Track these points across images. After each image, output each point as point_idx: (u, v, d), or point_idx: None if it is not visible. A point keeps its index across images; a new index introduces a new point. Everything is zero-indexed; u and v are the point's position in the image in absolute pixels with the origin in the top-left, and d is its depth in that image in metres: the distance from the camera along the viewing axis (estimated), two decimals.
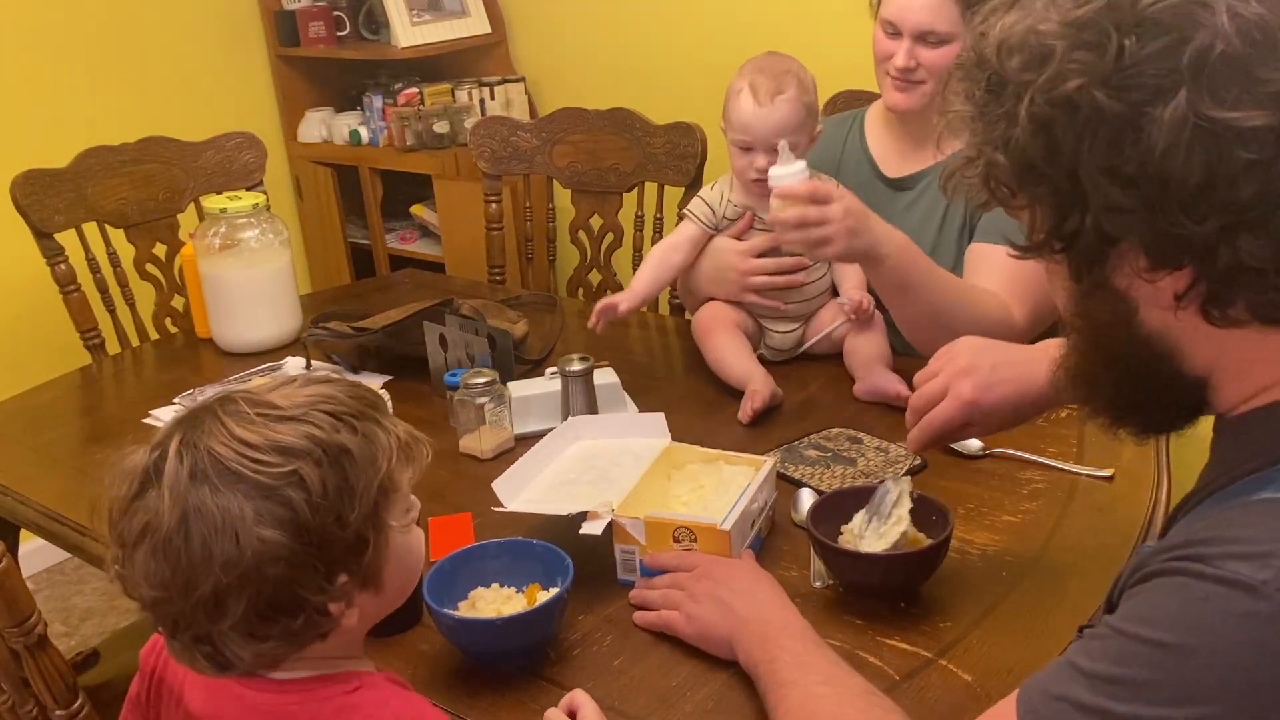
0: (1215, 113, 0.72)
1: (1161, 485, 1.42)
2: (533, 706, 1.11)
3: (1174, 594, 0.74)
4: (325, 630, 0.91)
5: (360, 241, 3.36)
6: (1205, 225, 0.74)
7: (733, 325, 1.77)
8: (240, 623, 0.86)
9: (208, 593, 0.84)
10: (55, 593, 2.78)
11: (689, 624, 1.17)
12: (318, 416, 0.89)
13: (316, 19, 3.18)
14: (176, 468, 0.86)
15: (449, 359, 1.80)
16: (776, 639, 1.08)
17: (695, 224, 1.81)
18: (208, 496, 0.84)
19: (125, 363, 2.18)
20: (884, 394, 1.64)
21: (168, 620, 0.88)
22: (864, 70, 2.07)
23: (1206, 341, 0.81)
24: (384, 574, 0.93)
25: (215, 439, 0.86)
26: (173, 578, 0.85)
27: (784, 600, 1.16)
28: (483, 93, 3.12)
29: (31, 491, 1.62)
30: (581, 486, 1.37)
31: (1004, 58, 0.80)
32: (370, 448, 0.90)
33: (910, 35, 1.67)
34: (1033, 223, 0.83)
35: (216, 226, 2.02)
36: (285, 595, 0.86)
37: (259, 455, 0.85)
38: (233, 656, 0.88)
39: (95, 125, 2.61)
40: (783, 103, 1.67)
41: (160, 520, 0.85)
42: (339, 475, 0.87)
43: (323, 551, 0.87)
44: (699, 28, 2.86)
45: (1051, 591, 1.23)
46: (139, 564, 0.86)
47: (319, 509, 0.86)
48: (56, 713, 1.21)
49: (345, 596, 0.90)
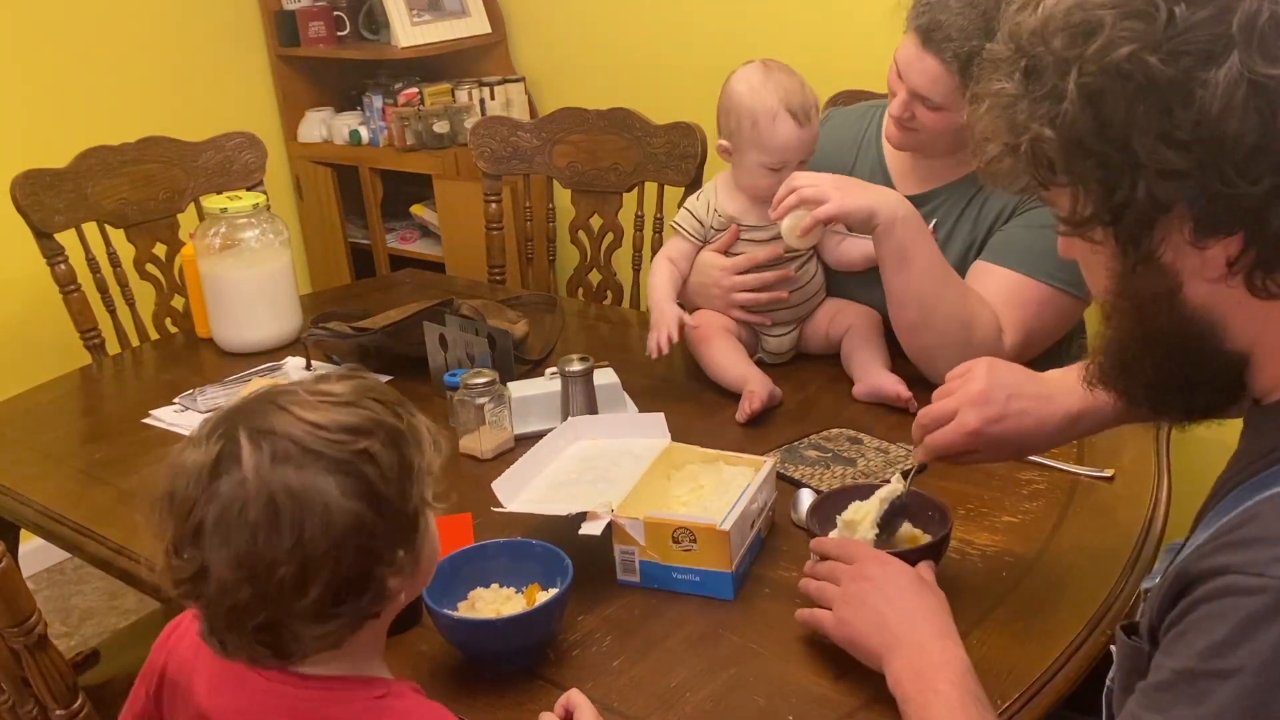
0: (1270, 70, 0.74)
1: (1161, 485, 1.42)
2: (532, 706, 1.11)
3: (1226, 617, 0.74)
4: (380, 609, 0.94)
5: (360, 241, 3.36)
6: (1259, 185, 0.75)
7: (726, 332, 1.77)
8: (316, 600, 0.88)
9: (293, 570, 0.86)
10: (55, 593, 2.78)
11: (838, 628, 1.11)
12: (370, 403, 0.93)
13: (316, 19, 3.18)
14: (255, 453, 0.88)
15: (449, 359, 1.80)
16: (932, 680, 1.01)
17: (685, 239, 1.80)
18: (292, 475, 0.87)
19: (125, 363, 2.18)
20: (883, 394, 1.64)
21: (230, 609, 0.89)
22: (863, 70, 2.07)
23: (1250, 316, 0.82)
24: (423, 554, 0.96)
25: (287, 423, 0.90)
26: (258, 559, 0.87)
27: (946, 625, 1.07)
28: (483, 93, 3.12)
29: (31, 491, 1.63)
30: (581, 487, 1.37)
31: (1048, 38, 0.80)
32: (415, 431, 0.96)
33: (908, 91, 1.64)
34: (1075, 201, 0.83)
35: (217, 226, 2.02)
36: (362, 568, 0.90)
37: (332, 435, 0.89)
38: (293, 641, 0.90)
39: (95, 125, 2.60)
40: (817, 119, 1.71)
41: (245, 504, 0.87)
42: (398, 454, 0.92)
43: (393, 525, 0.91)
44: (699, 28, 2.86)
45: (1051, 591, 1.23)
46: (215, 551, 0.87)
47: (390, 483, 0.90)
48: (56, 713, 1.21)
49: (403, 571, 0.93)
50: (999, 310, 1.61)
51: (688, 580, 1.26)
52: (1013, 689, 1.08)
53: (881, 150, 1.82)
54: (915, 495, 1.26)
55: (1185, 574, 0.79)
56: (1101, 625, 1.17)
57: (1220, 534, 0.79)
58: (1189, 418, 0.91)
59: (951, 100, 1.59)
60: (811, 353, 1.82)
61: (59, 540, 1.56)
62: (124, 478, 1.64)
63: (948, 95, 1.59)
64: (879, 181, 1.77)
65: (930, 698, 1.00)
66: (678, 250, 1.81)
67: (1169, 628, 0.80)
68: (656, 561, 1.27)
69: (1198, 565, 0.78)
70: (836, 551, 1.17)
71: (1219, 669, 0.74)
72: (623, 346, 2.04)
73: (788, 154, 1.69)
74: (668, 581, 1.27)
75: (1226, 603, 0.75)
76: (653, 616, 1.24)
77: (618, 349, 1.99)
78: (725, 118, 1.74)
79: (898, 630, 1.06)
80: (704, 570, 1.25)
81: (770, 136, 1.68)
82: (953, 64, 1.55)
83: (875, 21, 1.75)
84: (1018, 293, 1.61)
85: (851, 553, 1.16)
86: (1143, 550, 1.29)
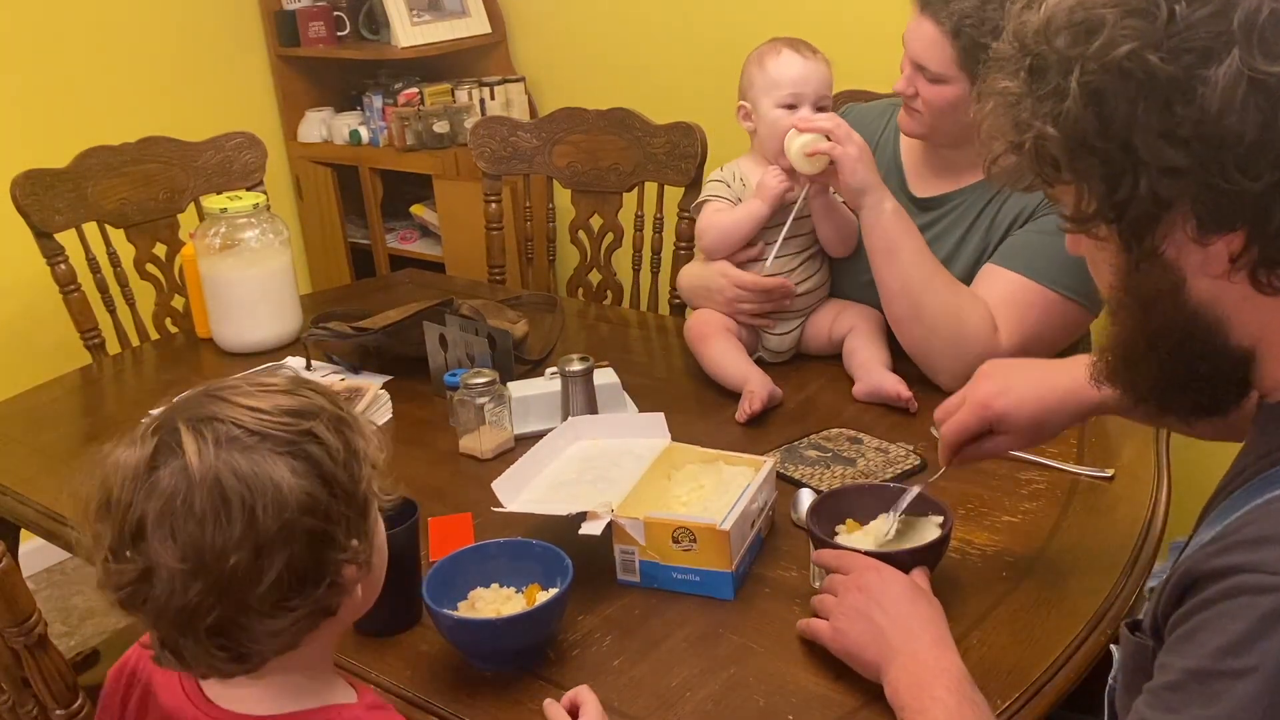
0: (1270, 68, 0.74)
1: (1161, 485, 1.42)
2: (532, 706, 1.11)
3: (1239, 616, 0.74)
4: (337, 604, 0.91)
5: (360, 241, 3.36)
6: (1260, 182, 0.76)
7: (727, 331, 1.77)
8: (272, 589, 0.85)
9: (246, 557, 0.84)
10: (55, 593, 2.78)
11: (835, 639, 1.11)
12: (308, 391, 0.93)
13: (317, 19, 3.18)
14: (196, 440, 0.86)
15: (449, 359, 1.80)
16: (930, 687, 1.01)
17: (718, 199, 1.80)
18: (239, 458, 0.85)
19: (125, 363, 2.18)
20: (883, 394, 1.64)
21: (180, 611, 0.85)
22: (863, 71, 2.07)
23: (1255, 312, 0.82)
24: (374, 550, 0.95)
25: (229, 410, 0.88)
26: (208, 549, 0.84)
27: (942, 633, 1.08)
28: (483, 93, 3.12)
29: (31, 491, 1.63)
30: (581, 487, 1.37)
31: (1050, 37, 0.81)
32: (356, 420, 0.94)
33: (911, 63, 1.67)
34: (1079, 199, 0.84)
35: (217, 226, 2.02)
36: (316, 555, 0.87)
37: (276, 418, 0.88)
38: (249, 641, 0.87)
39: (95, 125, 2.61)
40: (823, 58, 1.74)
41: (188, 492, 0.84)
42: (343, 437, 0.91)
43: (345, 507, 0.89)
44: (699, 28, 2.86)
45: (1051, 591, 1.23)
46: (160, 547, 0.84)
47: (338, 465, 0.89)
48: (56, 713, 1.21)
49: (357, 560, 0.91)
50: (1000, 311, 1.61)
51: (688, 580, 1.26)
52: (1013, 689, 1.08)
53: (898, 150, 1.83)
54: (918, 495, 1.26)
55: (1191, 573, 0.79)
56: (1101, 625, 1.17)
57: (1228, 533, 0.79)
58: (1194, 415, 0.91)
59: (949, 70, 1.62)
60: (813, 353, 1.82)
61: (59, 540, 1.56)
62: None
63: (944, 63, 1.61)
64: (894, 180, 1.79)
65: (928, 704, 1.00)
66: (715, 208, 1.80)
67: (1174, 627, 0.80)
68: (656, 561, 1.27)
69: (1205, 564, 0.78)
70: (835, 563, 1.18)
71: (1234, 668, 0.73)
72: (623, 346, 2.04)
73: (798, 85, 1.72)
74: (668, 581, 1.27)
75: (1240, 602, 0.75)
76: (653, 616, 1.24)
77: (618, 349, 1.99)
78: (741, 82, 1.79)
79: (894, 640, 1.07)
80: (704, 570, 1.25)
81: (778, 70, 1.73)
82: (946, 23, 1.59)
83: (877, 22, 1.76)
84: (1021, 296, 1.61)
85: (848, 563, 1.16)
86: (1142, 550, 1.29)
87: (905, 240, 1.64)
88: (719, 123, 2.33)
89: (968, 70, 1.59)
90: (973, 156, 1.72)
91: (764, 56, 1.76)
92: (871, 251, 1.67)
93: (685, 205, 2.30)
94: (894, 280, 1.65)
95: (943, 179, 1.77)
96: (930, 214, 1.76)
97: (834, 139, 1.64)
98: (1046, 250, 1.61)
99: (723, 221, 1.77)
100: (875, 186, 1.65)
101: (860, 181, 1.64)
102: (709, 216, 1.80)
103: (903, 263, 1.64)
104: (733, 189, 1.79)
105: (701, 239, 1.81)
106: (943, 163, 1.77)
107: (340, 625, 0.96)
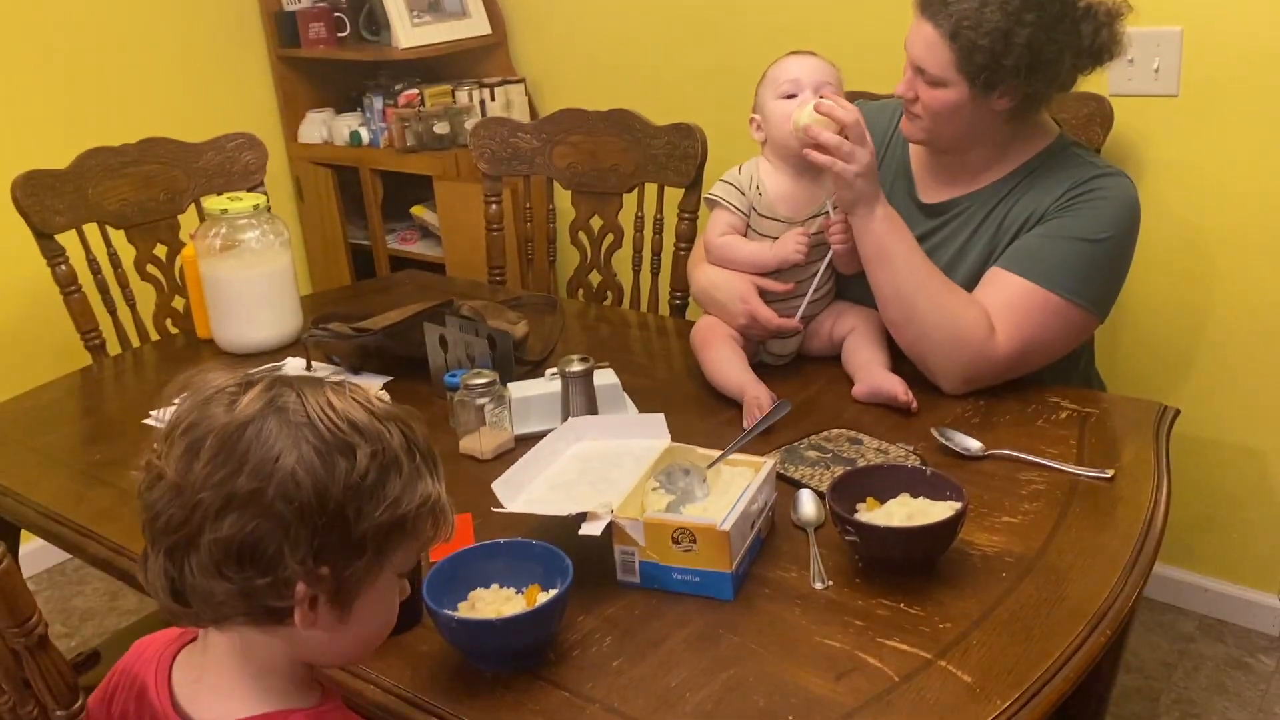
0: None
1: (1161, 485, 1.42)
2: (532, 707, 1.11)
3: None
4: (278, 607, 0.90)
5: (360, 242, 3.36)
6: None
7: (729, 338, 1.77)
8: (220, 544, 0.87)
9: (220, 497, 0.87)
10: (55, 593, 2.78)
11: None
12: (393, 427, 0.93)
13: (317, 20, 3.18)
14: (264, 391, 0.91)
15: (449, 360, 1.80)
16: None
17: (729, 211, 1.79)
18: (273, 424, 0.89)
19: (126, 364, 2.19)
20: (883, 395, 1.64)
21: (155, 520, 0.90)
22: (863, 71, 2.07)
23: None
24: (356, 602, 0.93)
25: (309, 390, 0.92)
26: (195, 475, 0.88)
27: None
28: (483, 94, 3.12)
29: (32, 492, 1.63)
30: (581, 487, 1.37)
31: None
32: (417, 481, 0.94)
33: (911, 66, 1.68)
34: None
35: (217, 227, 2.02)
36: (270, 542, 0.88)
37: (334, 418, 0.90)
38: (189, 587, 0.90)
39: (96, 126, 2.61)
40: (825, 59, 1.77)
41: (221, 425, 0.89)
42: (381, 475, 0.91)
43: (327, 527, 0.89)
44: (699, 28, 2.86)
45: (1051, 591, 1.23)
46: (176, 446, 0.90)
47: (348, 489, 0.89)
48: (57, 713, 1.20)
49: (316, 587, 0.90)
50: (1000, 315, 1.61)
51: (687, 581, 1.26)
52: (1013, 689, 1.08)
53: (907, 152, 1.83)
54: (934, 476, 1.31)
55: None
56: (1101, 625, 1.17)
57: None
58: None
59: (947, 73, 1.62)
60: (814, 354, 1.82)
61: (59, 541, 1.56)
62: (124, 478, 1.63)
63: (942, 66, 1.62)
64: (901, 183, 1.80)
65: None
66: (726, 224, 1.79)
67: None
68: (656, 562, 1.27)
69: None
70: None
71: None
72: (623, 347, 2.04)
73: (795, 74, 1.73)
74: (668, 582, 1.27)
75: None
76: (653, 617, 1.24)
77: (618, 350, 1.99)
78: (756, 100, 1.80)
79: None
80: (704, 571, 1.25)
81: (777, 70, 1.77)
82: (945, 25, 1.60)
83: (878, 24, 1.76)
84: (1022, 300, 1.61)
85: None
86: (1142, 550, 1.29)
87: (897, 245, 1.65)
88: (719, 123, 2.33)
89: (966, 74, 1.60)
90: (979, 161, 1.73)
91: (769, 67, 1.78)
92: (864, 258, 1.68)
93: (685, 206, 2.30)
94: (886, 285, 1.66)
95: (950, 184, 1.77)
96: (937, 219, 1.77)
97: (848, 135, 1.63)
98: (1052, 254, 1.61)
99: (730, 255, 1.78)
100: (870, 197, 1.65)
101: (857, 194, 1.64)
102: (721, 238, 1.79)
103: (895, 268, 1.65)
104: (746, 196, 1.78)
105: (708, 254, 1.82)
106: (949, 168, 1.77)
107: (305, 650, 0.95)
